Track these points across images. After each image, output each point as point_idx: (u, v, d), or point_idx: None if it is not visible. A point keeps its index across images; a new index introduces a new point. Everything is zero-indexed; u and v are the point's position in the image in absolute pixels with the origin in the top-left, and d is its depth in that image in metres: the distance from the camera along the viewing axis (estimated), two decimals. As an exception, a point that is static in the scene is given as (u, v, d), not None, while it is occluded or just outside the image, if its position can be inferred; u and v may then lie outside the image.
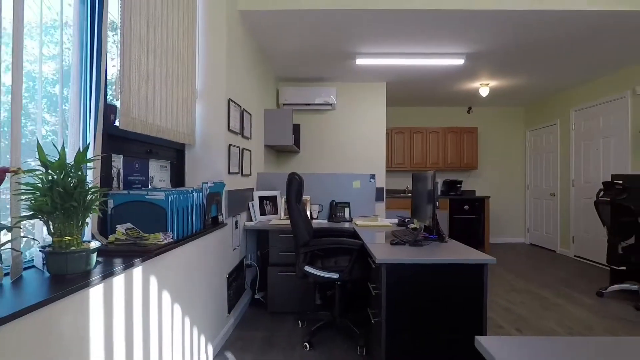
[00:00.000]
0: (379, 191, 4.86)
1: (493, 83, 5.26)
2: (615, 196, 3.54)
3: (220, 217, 2.52)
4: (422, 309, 1.89)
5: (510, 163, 7.00)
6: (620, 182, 3.67)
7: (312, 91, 5.15)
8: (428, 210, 2.38)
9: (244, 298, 3.29)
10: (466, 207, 6.30)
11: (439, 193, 6.70)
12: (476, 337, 0.91)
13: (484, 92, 5.29)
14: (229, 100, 2.80)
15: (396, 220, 3.24)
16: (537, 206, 6.56)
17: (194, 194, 2.09)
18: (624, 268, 3.63)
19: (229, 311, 2.78)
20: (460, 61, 4.10)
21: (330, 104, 5.17)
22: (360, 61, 4.17)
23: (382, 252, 2.04)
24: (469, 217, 6.31)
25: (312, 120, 5.37)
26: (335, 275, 2.50)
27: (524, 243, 6.87)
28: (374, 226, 3.13)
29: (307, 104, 5.18)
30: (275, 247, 3.20)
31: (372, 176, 3.84)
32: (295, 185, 2.59)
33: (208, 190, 2.27)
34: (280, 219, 3.53)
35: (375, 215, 3.59)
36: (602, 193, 3.76)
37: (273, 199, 3.72)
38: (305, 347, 2.55)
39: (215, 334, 2.51)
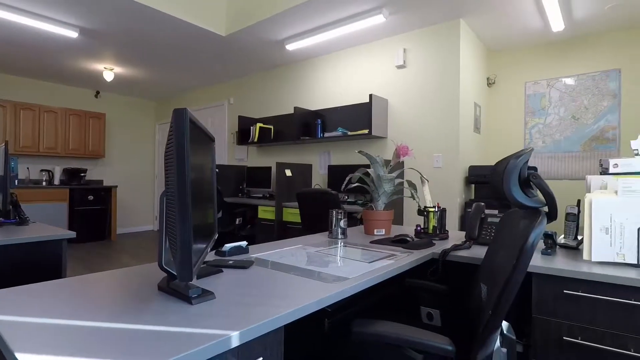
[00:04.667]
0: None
1: (119, 69, 5.18)
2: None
3: None
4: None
5: (140, 153, 7.18)
6: (217, 170, 4.65)
7: None
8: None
9: None
10: (91, 197, 5.88)
11: (58, 182, 5.84)
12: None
13: (109, 76, 5.11)
14: None
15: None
16: (164, 194, 7.12)
17: None
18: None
19: None
20: (73, 34, 3.72)
21: None
22: None
23: None
24: (94, 209, 5.94)
25: None
26: None
27: (153, 230, 7.27)
28: None
29: None
30: None
31: None
32: None
33: None
34: None
35: None
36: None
37: None
38: None
39: None
